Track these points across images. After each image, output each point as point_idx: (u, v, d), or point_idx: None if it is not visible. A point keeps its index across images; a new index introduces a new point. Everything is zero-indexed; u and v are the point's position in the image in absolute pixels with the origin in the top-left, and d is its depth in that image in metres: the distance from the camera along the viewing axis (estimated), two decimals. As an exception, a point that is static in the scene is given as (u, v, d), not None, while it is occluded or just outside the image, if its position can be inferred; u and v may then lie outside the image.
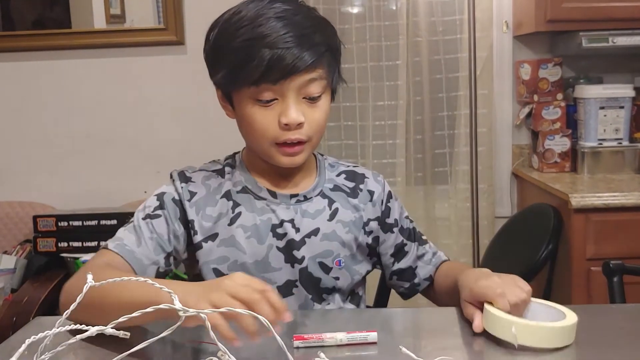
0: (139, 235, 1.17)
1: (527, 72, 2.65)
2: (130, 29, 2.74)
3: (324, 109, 1.16)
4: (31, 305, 2.22)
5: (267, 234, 1.20)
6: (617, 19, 2.41)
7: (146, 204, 1.21)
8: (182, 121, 2.75)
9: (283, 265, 1.21)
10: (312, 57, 1.09)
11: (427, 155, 2.74)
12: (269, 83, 1.09)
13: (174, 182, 1.23)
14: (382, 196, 1.32)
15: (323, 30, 1.16)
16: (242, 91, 1.13)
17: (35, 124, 2.79)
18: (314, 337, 0.97)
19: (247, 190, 1.23)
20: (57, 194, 2.76)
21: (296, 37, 1.09)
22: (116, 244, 1.15)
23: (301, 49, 1.09)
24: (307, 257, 1.22)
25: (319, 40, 1.13)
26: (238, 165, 1.26)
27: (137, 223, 1.18)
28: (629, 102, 2.51)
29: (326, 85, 1.16)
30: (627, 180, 2.39)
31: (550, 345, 0.93)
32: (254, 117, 1.13)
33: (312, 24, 1.14)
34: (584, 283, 2.15)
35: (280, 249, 1.21)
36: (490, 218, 2.71)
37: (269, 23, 1.09)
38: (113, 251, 1.14)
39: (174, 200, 1.20)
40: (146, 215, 1.19)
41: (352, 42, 2.67)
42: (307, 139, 1.15)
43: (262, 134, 1.14)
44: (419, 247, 1.38)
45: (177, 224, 1.19)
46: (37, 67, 2.77)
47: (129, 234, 1.17)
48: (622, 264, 1.49)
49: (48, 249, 2.43)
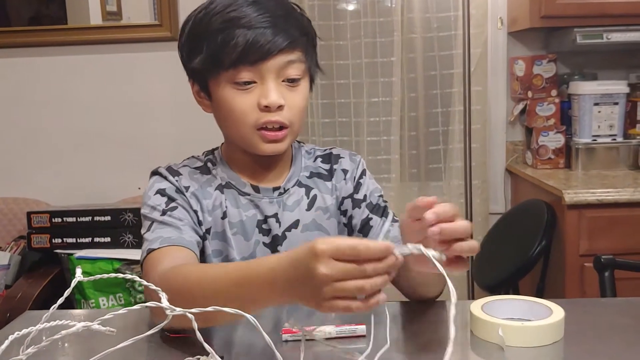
0: (174, 226, 1.11)
1: (522, 68, 2.65)
2: (126, 25, 2.74)
3: (304, 93, 1.16)
4: (25, 301, 2.22)
5: (253, 230, 1.19)
6: (612, 15, 2.42)
7: (153, 204, 1.15)
8: (177, 117, 2.75)
9: None
10: (288, 38, 1.09)
11: (422, 151, 2.74)
12: (247, 64, 1.08)
13: (167, 178, 1.19)
14: (355, 173, 1.28)
15: (297, 16, 1.16)
16: (219, 76, 1.11)
17: (30, 120, 2.78)
18: (302, 330, 0.97)
19: (231, 186, 1.21)
20: (52, 190, 2.76)
21: (271, 19, 1.09)
22: (159, 242, 1.08)
23: (277, 30, 1.09)
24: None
25: (294, 24, 1.13)
26: (219, 161, 1.24)
27: (161, 219, 1.12)
28: (623, 99, 2.52)
29: (305, 69, 1.15)
30: (621, 176, 2.40)
31: (538, 344, 0.94)
32: (234, 102, 1.11)
33: (286, 9, 1.14)
34: (577, 279, 2.15)
35: (266, 244, 1.20)
36: (484, 214, 2.71)
37: (241, 8, 1.09)
38: (162, 247, 1.07)
39: (177, 191, 1.17)
40: (163, 212, 1.13)
41: (346, 38, 2.67)
42: (288, 123, 1.13)
43: (242, 118, 1.12)
44: (385, 222, 1.25)
45: (191, 211, 1.16)
46: (33, 63, 2.77)
47: (161, 230, 1.11)
48: (613, 259, 1.50)
49: (42, 245, 2.43)
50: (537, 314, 0.99)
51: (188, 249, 1.08)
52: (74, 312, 1.19)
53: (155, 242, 1.08)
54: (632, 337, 0.97)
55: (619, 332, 0.99)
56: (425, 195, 0.87)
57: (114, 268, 2.33)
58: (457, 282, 2.68)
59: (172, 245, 1.07)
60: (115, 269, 2.33)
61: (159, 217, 1.13)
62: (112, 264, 2.33)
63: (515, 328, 0.94)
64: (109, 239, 2.41)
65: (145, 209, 1.16)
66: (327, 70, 2.77)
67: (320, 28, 2.64)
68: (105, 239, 2.41)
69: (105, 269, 2.33)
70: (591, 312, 1.08)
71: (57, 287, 2.38)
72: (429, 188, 2.77)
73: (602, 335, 0.98)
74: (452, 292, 0.76)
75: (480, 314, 0.98)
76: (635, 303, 1.12)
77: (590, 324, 1.03)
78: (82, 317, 1.18)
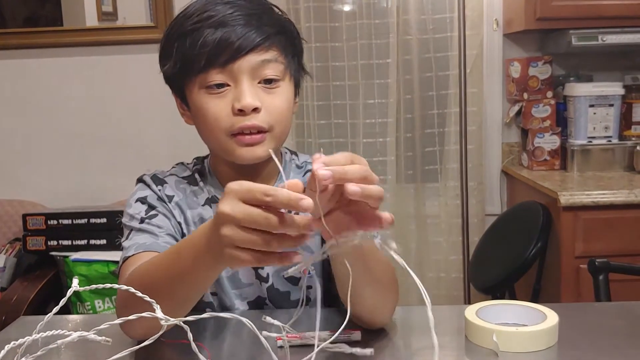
0: (151, 232, 1.08)
1: (517, 70, 2.65)
2: (121, 26, 2.74)
3: (285, 95, 1.07)
4: (21, 303, 2.22)
5: None
6: (607, 17, 2.42)
7: (132, 212, 1.11)
8: (172, 119, 2.72)
9: (253, 281, 1.16)
10: (261, 34, 1.02)
11: (417, 153, 2.74)
12: (217, 66, 1.02)
13: (150, 187, 1.15)
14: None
15: (275, 14, 1.10)
16: (192, 82, 1.05)
17: (25, 121, 2.78)
18: (297, 336, 0.97)
19: (216, 200, 1.15)
20: (47, 192, 2.75)
21: (244, 17, 1.03)
22: (135, 247, 1.04)
23: (248, 27, 1.02)
24: (270, 273, 1.16)
25: (269, 21, 1.06)
26: (207, 172, 1.19)
27: (139, 227, 1.09)
28: (619, 100, 2.52)
29: (284, 70, 1.07)
30: (617, 178, 2.40)
31: (532, 349, 0.94)
32: (207, 107, 1.04)
33: (262, 8, 1.08)
34: (573, 281, 2.15)
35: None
36: (480, 216, 2.72)
37: (216, 7, 1.03)
38: (137, 254, 1.03)
39: (159, 200, 1.14)
40: (142, 219, 1.10)
41: (342, 40, 2.67)
42: (267, 126, 1.05)
43: (215, 124, 1.05)
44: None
45: (173, 219, 1.13)
46: (28, 65, 2.76)
47: (138, 237, 1.07)
48: (608, 262, 1.50)
49: (37, 247, 2.43)
50: (532, 319, 0.99)
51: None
52: (69, 318, 1.19)
53: (130, 249, 1.05)
54: (626, 342, 0.97)
55: (613, 337, 1.00)
56: (422, 196, 0.83)
57: (109, 270, 2.33)
58: (452, 284, 2.70)
59: (146, 251, 1.03)
60: (110, 271, 2.33)
61: (137, 225, 1.09)
62: (108, 266, 2.33)
63: (509, 333, 0.94)
64: (105, 241, 2.40)
65: (125, 218, 1.12)
66: (323, 72, 2.78)
67: (316, 30, 2.64)
68: (101, 241, 2.41)
69: (101, 272, 2.33)
70: (585, 317, 1.08)
71: (52, 289, 2.37)
72: (424, 189, 2.77)
73: (596, 340, 0.99)
74: (425, 296, 0.72)
75: (475, 320, 0.98)
76: (629, 307, 1.12)
77: (585, 329, 1.03)
78: (78, 322, 1.18)
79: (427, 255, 2.76)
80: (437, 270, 2.75)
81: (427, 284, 2.96)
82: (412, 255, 2.76)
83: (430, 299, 1.12)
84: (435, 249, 2.76)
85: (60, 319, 1.16)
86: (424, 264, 2.76)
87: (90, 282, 2.35)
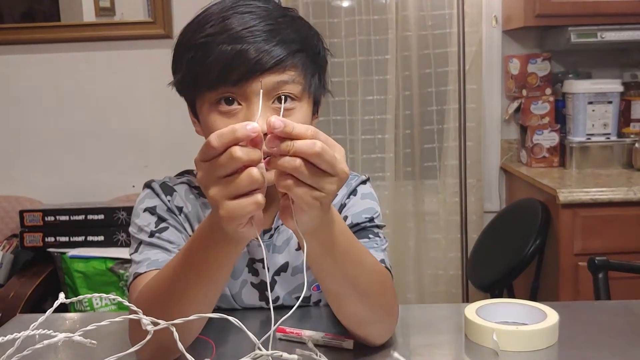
0: (162, 248, 1.02)
1: (516, 67, 2.65)
2: (119, 22, 2.73)
3: (300, 117, 0.96)
4: (18, 300, 2.21)
5: (243, 269, 1.11)
6: (606, 14, 2.42)
7: (140, 224, 1.06)
8: (170, 115, 2.74)
9: (257, 304, 1.13)
10: (279, 54, 0.92)
11: (416, 150, 2.74)
12: (228, 85, 0.92)
13: (159, 196, 1.09)
14: (344, 199, 1.12)
15: (300, 27, 0.99)
16: (203, 97, 0.97)
17: (23, 117, 2.77)
18: (294, 332, 0.99)
19: None
20: (45, 188, 2.74)
21: (262, 32, 0.93)
22: (147, 264, 0.99)
23: (267, 44, 0.92)
24: (281, 295, 1.13)
25: (290, 36, 0.95)
26: None
27: (149, 241, 1.03)
28: (617, 97, 2.52)
29: (301, 91, 0.96)
30: (615, 175, 2.40)
31: (533, 348, 0.93)
32: (214, 126, 0.93)
33: (286, 20, 0.97)
34: (572, 278, 2.15)
35: (254, 285, 1.12)
36: (478, 213, 2.71)
37: (228, 20, 0.93)
38: (149, 271, 0.98)
39: (169, 211, 1.08)
40: (151, 233, 1.04)
41: (341, 36, 2.66)
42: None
43: None
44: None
45: (184, 233, 1.07)
46: (25, 60, 2.75)
47: (149, 252, 1.02)
48: (607, 260, 1.49)
49: (35, 243, 2.42)
50: (532, 318, 0.98)
51: None
52: (65, 316, 1.18)
53: (142, 265, 1.00)
54: (626, 341, 0.97)
55: (612, 336, 0.99)
56: (420, 193, 0.79)
57: (107, 267, 2.32)
58: (451, 281, 2.69)
59: (157, 269, 0.98)
60: (108, 267, 2.32)
61: (147, 238, 1.04)
62: (106, 262, 2.33)
63: (509, 332, 0.93)
64: (102, 238, 2.40)
65: (133, 228, 1.07)
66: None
67: (315, 25, 2.60)
68: (99, 238, 2.40)
69: (98, 268, 2.33)
70: (585, 315, 1.08)
71: (49, 285, 2.37)
72: (423, 186, 2.77)
73: (596, 339, 0.98)
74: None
75: (475, 318, 0.97)
76: (629, 306, 1.12)
77: (585, 328, 1.02)
78: (75, 319, 1.17)
79: (426, 252, 2.76)
80: (436, 267, 2.75)
81: (425, 281, 2.98)
82: (411, 252, 2.75)
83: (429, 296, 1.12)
84: (434, 246, 2.76)
85: (57, 317, 1.16)
86: (423, 261, 2.76)
87: (88, 278, 2.34)
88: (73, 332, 0.76)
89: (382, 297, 0.94)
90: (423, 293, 2.76)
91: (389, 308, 0.95)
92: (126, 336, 0.93)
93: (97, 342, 0.81)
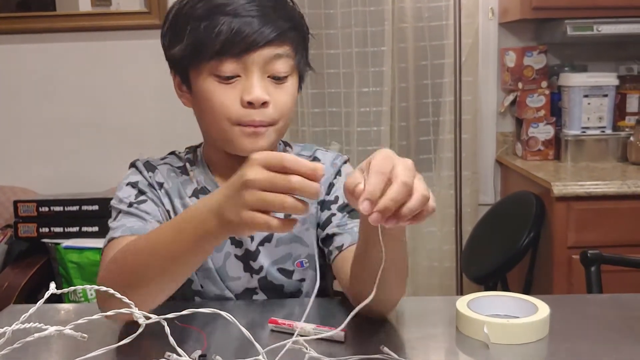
0: (139, 217, 1.08)
1: (512, 59, 2.65)
2: (115, 12, 2.72)
3: (291, 91, 1.08)
4: (12, 290, 2.21)
5: (225, 242, 1.14)
6: (602, 7, 2.42)
7: (121, 196, 1.12)
8: (166, 106, 2.72)
9: (242, 274, 1.16)
10: (276, 29, 1.02)
11: (412, 142, 2.74)
12: (230, 56, 1.01)
13: (141, 172, 1.15)
14: (331, 178, 1.19)
15: (288, 8, 1.09)
16: (201, 67, 1.04)
17: (17, 107, 2.76)
18: (286, 323, 0.99)
19: (205, 191, 1.15)
20: (39, 178, 2.74)
21: (259, 8, 1.02)
22: (122, 230, 1.05)
23: (265, 20, 1.02)
24: (265, 265, 1.16)
25: (283, 16, 1.05)
26: (199, 161, 1.19)
27: (127, 210, 1.09)
28: (613, 91, 2.52)
29: (293, 66, 1.08)
30: (610, 168, 2.40)
31: (523, 341, 0.94)
32: (214, 94, 1.04)
33: (277, 1, 1.07)
34: (565, 271, 2.16)
35: (238, 257, 1.15)
36: (473, 205, 2.72)
37: None
38: (123, 236, 1.04)
39: (149, 186, 1.14)
40: (130, 203, 1.10)
41: (337, 27, 2.66)
42: (272, 121, 1.06)
43: (222, 112, 1.04)
44: (346, 218, 1.15)
45: (161, 207, 1.13)
46: (20, 50, 2.74)
47: (126, 219, 1.08)
48: (600, 254, 1.50)
49: (29, 234, 2.41)
50: (523, 311, 0.99)
51: None
52: (59, 307, 1.18)
53: (117, 230, 1.06)
54: (617, 334, 0.97)
55: (604, 329, 0.99)
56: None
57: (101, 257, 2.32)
58: (445, 274, 2.70)
59: (133, 235, 1.03)
60: (103, 258, 2.32)
61: (126, 208, 1.09)
62: (100, 253, 2.32)
63: (500, 325, 0.94)
64: (97, 229, 2.39)
65: (114, 200, 1.13)
66: (317, 60, 2.76)
67: (310, 17, 2.62)
68: (93, 229, 2.39)
69: (93, 259, 2.32)
70: (577, 308, 1.08)
71: (44, 276, 2.36)
72: (418, 179, 2.76)
73: (587, 332, 0.99)
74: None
75: (466, 311, 0.98)
76: (620, 300, 1.12)
77: (576, 321, 1.03)
78: (69, 311, 1.17)
79: (421, 244, 2.76)
80: (430, 259, 2.76)
81: (420, 273, 2.98)
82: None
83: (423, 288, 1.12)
84: (429, 238, 2.76)
85: (50, 308, 1.16)
86: (418, 253, 2.77)
87: (82, 269, 2.34)
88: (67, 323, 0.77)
89: (405, 275, 0.99)
90: (417, 285, 2.76)
91: (404, 283, 1.00)
92: (117, 328, 0.93)
93: (89, 333, 0.81)
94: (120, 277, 0.90)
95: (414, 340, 0.99)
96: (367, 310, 0.81)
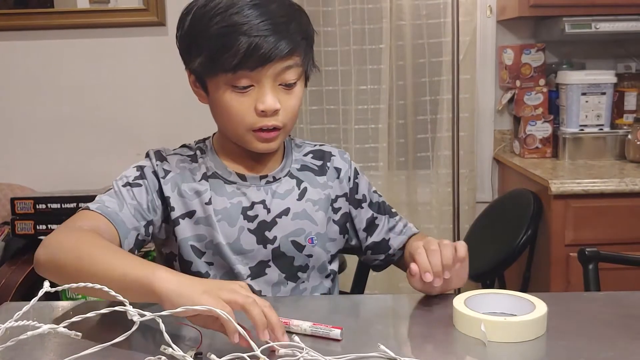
0: (121, 200, 1.17)
1: (510, 57, 2.64)
2: (112, 9, 2.71)
3: (298, 95, 1.19)
4: (9, 288, 2.20)
5: (238, 216, 1.22)
6: (600, 4, 2.41)
7: (125, 174, 1.22)
8: (163, 103, 2.73)
9: (255, 247, 1.23)
10: (288, 45, 1.11)
11: (409, 140, 2.74)
12: (245, 70, 1.11)
13: (151, 160, 1.24)
14: (349, 173, 1.35)
15: (299, 19, 1.17)
16: (217, 77, 1.14)
17: (14, 104, 2.75)
18: (283, 321, 0.98)
19: (216, 176, 1.24)
20: (36, 175, 2.73)
21: (272, 25, 1.10)
22: (98, 206, 1.14)
23: (278, 37, 1.10)
24: (279, 236, 1.24)
25: (295, 29, 1.14)
26: (208, 150, 1.28)
27: (118, 189, 1.18)
28: (611, 89, 2.52)
29: (301, 72, 1.18)
30: (608, 166, 2.40)
31: (520, 339, 0.94)
32: (231, 104, 1.15)
33: (287, 12, 1.15)
34: (563, 269, 2.16)
35: (251, 230, 1.23)
36: (471, 203, 2.72)
37: (243, 11, 1.10)
38: (95, 212, 1.13)
39: (154, 173, 1.22)
40: (126, 183, 1.19)
41: (335, 24, 2.65)
42: (282, 125, 1.17)
43: (239, 120, 1.16)
44: (389, 219, 1.38)
45: (156, 196, 1.21)
46: (17, 47, 2.73)
47: (109, 198, 1.17)
48: (597, 252, 1.50)
49: (26, 231, 2.41)
50: (520, 309, 0.99)
51: (114, 227, 1.12)
52: (55, 304, 1.18)
53: (95, 203, 1.15)
54: (615, 332, 0.97)
55: (601, 327, 1.00)
56: (413, 183, 0.88)
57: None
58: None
59: (103, 215, 1.12)
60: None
61: (120, 186, 1.19)
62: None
63: (497, 323, 0.94)
64: (94, 226, 2.38)
65: (116, 178, 1.22)
66: (315, 57, 2.75)
67: (309, 14, 2.58)
68: (90, 226, 2.39)
69: (90, 256, 2.32)
70: (574, 306, 1.08)
71: (41, 274, 2.36)
72: (416, 177, 2.77)
73: (584, 330, 0.99)
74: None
75: (463, 309, 0.97)
76: (617, 298, 1.12)
77: (573, 319, 1.03)
78: (64, 308, 1.17)
79: (418, 242, 2.76)
80: (428, 257, 2.75)
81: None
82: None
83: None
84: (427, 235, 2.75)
85: (45, 306, 1.16)
86: (415, 250, 2.76)
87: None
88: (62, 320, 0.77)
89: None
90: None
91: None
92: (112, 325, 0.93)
93: (83, 331, 0.81)
94: (56, 259, 1.07)
95: (411, 338, 0.99)
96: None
